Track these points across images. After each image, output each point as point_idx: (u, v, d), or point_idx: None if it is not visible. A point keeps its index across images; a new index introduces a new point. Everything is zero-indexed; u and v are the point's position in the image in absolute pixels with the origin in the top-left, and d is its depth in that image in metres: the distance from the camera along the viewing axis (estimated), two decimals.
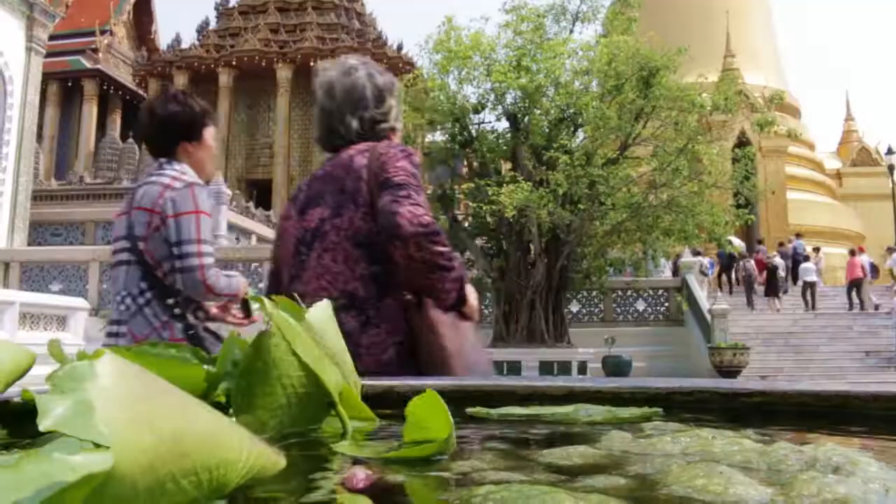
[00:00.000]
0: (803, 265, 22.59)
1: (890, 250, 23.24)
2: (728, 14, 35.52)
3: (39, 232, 22.12)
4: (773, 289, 21.71)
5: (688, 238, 15.67)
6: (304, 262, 2.15)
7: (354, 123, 2.25)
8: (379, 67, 2.39)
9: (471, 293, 2.11)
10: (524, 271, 15.19)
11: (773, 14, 42.74)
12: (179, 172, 2.68)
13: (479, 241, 16.08)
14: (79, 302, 14.72)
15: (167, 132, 2.75)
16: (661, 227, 14.96)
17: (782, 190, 30.57)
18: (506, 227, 14.91)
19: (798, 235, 27.01)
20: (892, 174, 30.70)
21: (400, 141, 2.36)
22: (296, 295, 0.79)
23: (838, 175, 39.98)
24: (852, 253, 23.12)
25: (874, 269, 23.49)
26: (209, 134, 2.85)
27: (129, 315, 2.60)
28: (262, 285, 14.04)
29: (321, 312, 0.74)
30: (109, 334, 2.69)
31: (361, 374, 0.82)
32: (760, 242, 26.83)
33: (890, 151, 30.47)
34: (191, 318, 2.63)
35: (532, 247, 15.27)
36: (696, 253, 20.84)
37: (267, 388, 0.64)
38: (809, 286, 21.82)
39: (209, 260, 2.60)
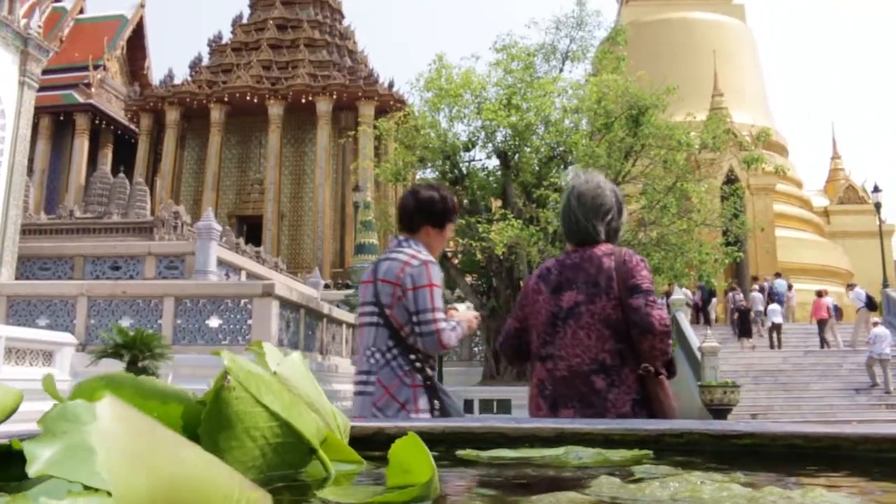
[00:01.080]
0: (771, 306, 22.83)
1: (850, 286, 23.61)
2: (715, 53, 35.97)
3: (27, 266, 21.98)
4: (745, 330, 22.23)
5: (677, 276, 15.70)
6: (558, 332, 2.79)
7: (601, 228, 2.88)
8: (615, 186, 3.06)
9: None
10: (514, 308, 15.16)
11: (759, 53, 43.34)
12: (416, 251, 3.24)
13: (469, 279, 16.08)
14: (66, 337, 14.60)
15: (418, 213, 3.32)
16: (651, 264, 14.96)
17: (771, 227, 30.72)
18: (496, 264, 14.93)
19: (777, 275, 27.01)
20: (878, 212, 30.95)
21: None
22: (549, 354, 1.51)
23: (826, 213, 40.25)
24: (819, 294, 23.53)
25: (837, 311, 24.09)
26: (450, 226, 3.43)
27: (378, 367, 3.15)
28: (249, 322, 13.97)
29: (293, 362, 0.72)
30: (359, 382, 3.22)
31: None
32: (755, 279, 26.91)
33: (876, 189, 30.77)
34: (428, 370, 3.19)
35: (522, 284, 15.26)
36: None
37: (234, 441, 0.63)
38: (776, 328, 22.24)
39: (443, 324, 3.13)
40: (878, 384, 18.99)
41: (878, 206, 30.67)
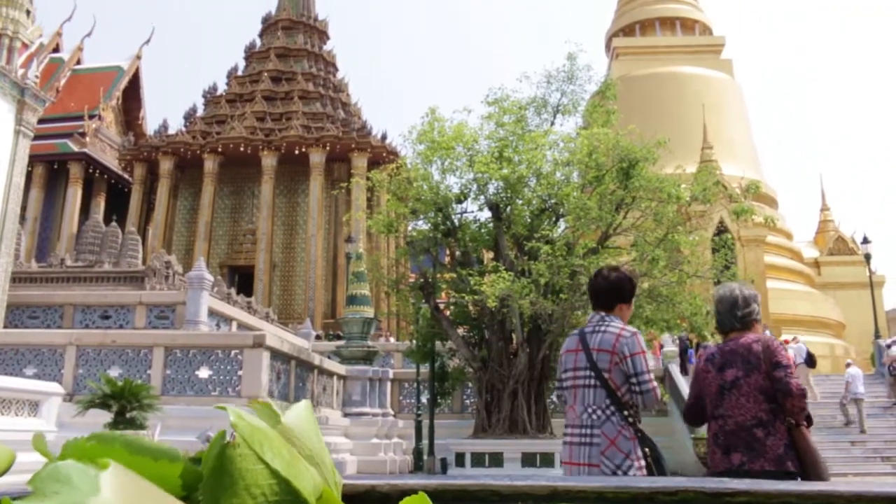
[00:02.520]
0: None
1: (792, 340, 23.90)
2: (704, 107, 36.45)
3: (16, 314, 21.82)
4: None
5: (670, 328, 15.67)
6: (724, 400, 3.84)
7: (736, 321, 3.98)
8: (746, 285, 4.15)
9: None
10: (506, 361, 15.08)
11: (747, 106, 43.93)
12: (620, 325, 3.95)
13: (461, 331, 16.00)
14: (53, 387, 14.45)
15: (613, 294, 4.04)
16: (643, 316, 14.94)
17: (762, 279, 30.84)
18: (488, 316, 14.87)
19: (764, 326, 26.99)
20: (868, 263, 31.11)
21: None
22: (720, 415, 3.72)
23: (816, 264, 40.44)
24: (785, 341, 23.61)
25: (810, 358, 24.36)
26: (633, 300, 4.16)
27: (601, 422, 3.78)
28: (240, 373, 13.85)
29: (300, 412, 0.73)
30: (578, 435, 3.83)
31: (765, 463, 3.63)
32: (765, 327, 26.88)
33: (865, 241, 30.96)
34: (637, 423, 3.81)
35: (514, 336, 15.19)
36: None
37: (235, 499, 0.62)
38: None
39: (655, 383, 3.87)
40: (853, 423, 19.39)
41: (867, 257, 30.84)
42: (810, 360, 22.12)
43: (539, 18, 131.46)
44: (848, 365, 21.39)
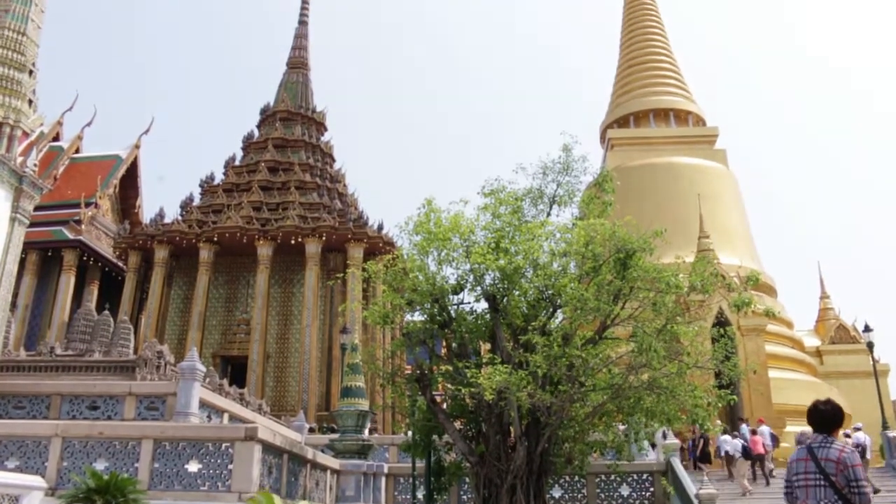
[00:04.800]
0: (723, 437, 23.12)
1: (732, 433, 24.13)
2: (700, 197, 36.68)
3: (2, 404, 21.37)
4: (704, 457, 23.81)
5: (670, 420, 15.32)
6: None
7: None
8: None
9: None
10: (504, 455, 14.68)
11: (742, 196, 44.23)
12: (841, 445, 5.42)
13: (457, 424, 15.64)
14: (35, 481, 13.95)
15: (832, 422, 5.63)
16: (643, 408, 14.63)
17: (764, 369, 30.47)
18: (485, 409, 14.54)
19: (760, 421, 26.35)
20: (871, 352, 30.72)
21: None
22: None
23: (818, 353, 40.05)
24: (753, 432, 23.64)
25: (775, 440, 24.29)
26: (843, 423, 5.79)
27: None
28: (230, 467, 13.42)
29: None
30: None
31: None
32: (743, 420, 26.35)
33: (867, 329, 30.56)
34: None
35: (512, 430, 14.81)
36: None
37: None
38: (728, 458, 22.98)
39: (869, 489, 5.31)
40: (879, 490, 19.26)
41: (870, 345, 30.46)
42: (746, 453, 22.24)
43: (534, 110, 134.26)
44: (857, 429, 20.95)
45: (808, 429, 26.28)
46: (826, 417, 5.62)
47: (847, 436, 22.77)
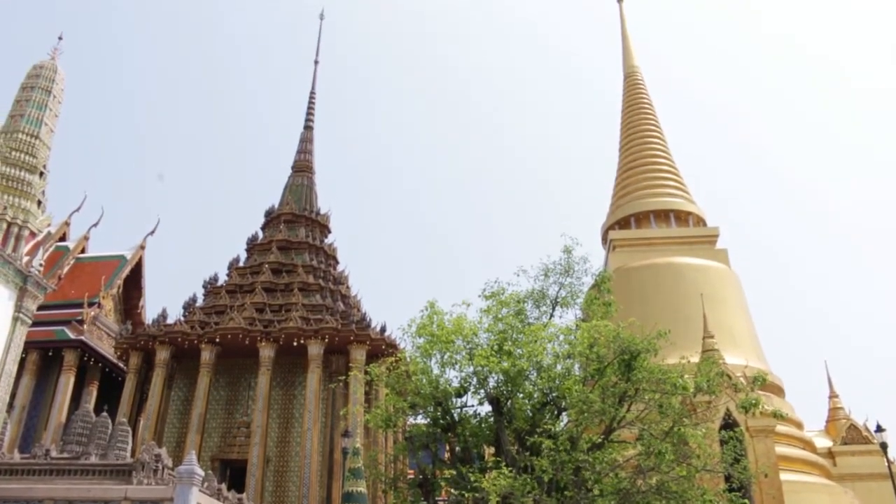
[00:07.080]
0: None
1: None
2: (703, 297, 36.56)
3: None
4: None
5: None
6: None
7: None
8: None
9: None
10: None
11: (745, 295, 44.11)
12: None
13: None
14: None
15: None
16: None
17: (775, 471, 29.69)
18: None
19: None
20: (885, 452, 29.96)
21: None
22: None
23: (831, 454, 39.10)
24: None
25: None
26: None
27: None
28: None
29: None
30: None
31: None
32: None
33: (879, 429, 29.84)
34: None
35: None
36: None
37: None
38: None
39: None
40: None
41: (884, 446, 29.67)
42: None
43: (535, 211, 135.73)
44: None
45: None
46: None
47: None
